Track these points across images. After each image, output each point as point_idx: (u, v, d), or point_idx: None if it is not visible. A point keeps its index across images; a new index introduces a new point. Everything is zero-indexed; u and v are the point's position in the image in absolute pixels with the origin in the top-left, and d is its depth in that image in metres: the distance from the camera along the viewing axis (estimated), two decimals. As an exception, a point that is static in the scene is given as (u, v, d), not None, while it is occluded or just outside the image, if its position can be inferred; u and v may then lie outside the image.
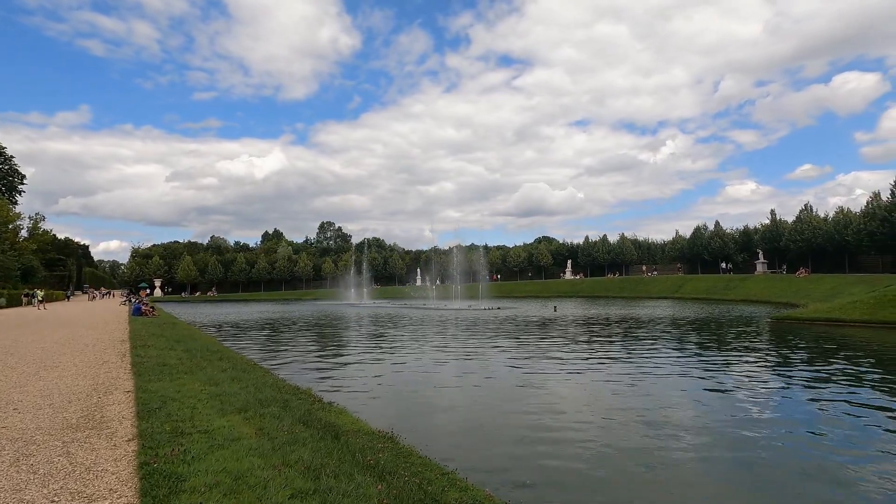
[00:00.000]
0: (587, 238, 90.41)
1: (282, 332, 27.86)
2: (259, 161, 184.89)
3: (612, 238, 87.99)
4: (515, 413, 10.05)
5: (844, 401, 10.61)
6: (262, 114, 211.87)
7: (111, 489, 4.14)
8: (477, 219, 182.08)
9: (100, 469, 4.54)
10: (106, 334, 16.58)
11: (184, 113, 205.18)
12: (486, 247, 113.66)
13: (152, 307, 29.17)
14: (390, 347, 20.17)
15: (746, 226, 71.19)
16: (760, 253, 62.64)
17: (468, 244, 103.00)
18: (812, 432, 8.68)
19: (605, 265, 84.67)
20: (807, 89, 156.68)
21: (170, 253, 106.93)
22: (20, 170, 63.13)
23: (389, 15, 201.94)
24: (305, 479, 4.44)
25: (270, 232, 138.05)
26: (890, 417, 9.46)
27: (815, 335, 21.69)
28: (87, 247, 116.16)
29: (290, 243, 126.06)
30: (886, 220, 45.36)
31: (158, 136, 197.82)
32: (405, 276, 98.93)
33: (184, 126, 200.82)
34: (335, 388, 12.31)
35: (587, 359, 16.51)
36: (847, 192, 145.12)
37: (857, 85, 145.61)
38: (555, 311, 39.30)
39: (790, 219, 62.82)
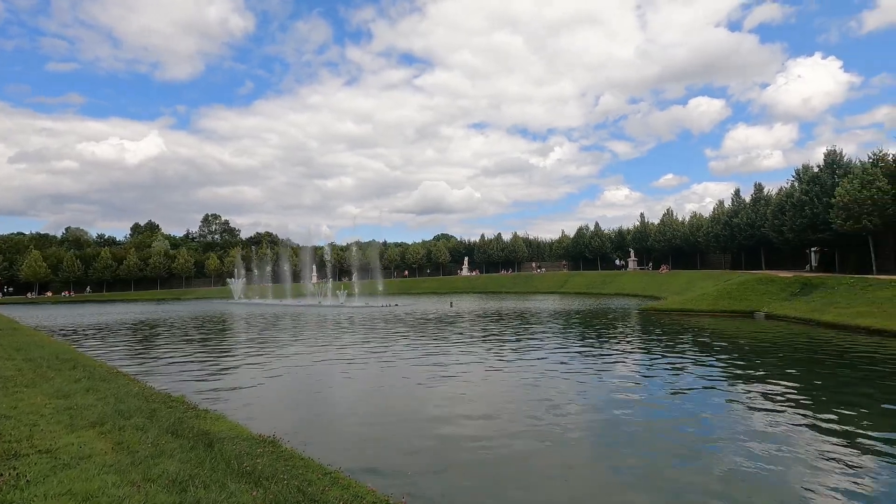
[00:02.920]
0: (483, 236, 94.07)
1: (155, 334, 25.16)
2: (132, 145, 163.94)
3: (506, 237, 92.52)
4: (409, 411, 10.16)
5: (691, 371, 12.36)
6: (136, 92, 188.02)
7: (-90, 529, 3.44)
8: (376, 215, 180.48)
9: None
10: (-84, 344, 13.66)
11: (36, 85, 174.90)
12: (385, 243, 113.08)
13: (-15, 310, 24.64)
14: (279, 348, 19.21)
15: (621, 227, 79.35)
16: (632, 251, 70.23)
17: (367, 241, 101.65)
18: (672, 401, 10.01)
19: (500, 262, 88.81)
20: (668, 109, 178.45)
21: (11, 247, 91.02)
22: None
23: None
24: (170, 494, 4.08)
25: (143, 224, 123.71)
26: (720, 385, 11.23)
27: (672, 323, 24.86)
28: None
29: (168, 237, 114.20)
30: (728, 224, 53.30)
31: (1, 108, 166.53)
32: (300, 272, 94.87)
33: (36, 100, 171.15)
34: (216, 394, 11.42)
35: (479, 352, 17.18)
36: (699, 199, 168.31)
37: (706, 109, 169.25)
38: (451, 306, 40.33)
39: (656, 221, 71.23)
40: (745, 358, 15.19)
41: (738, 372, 13.29)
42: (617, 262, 73.63)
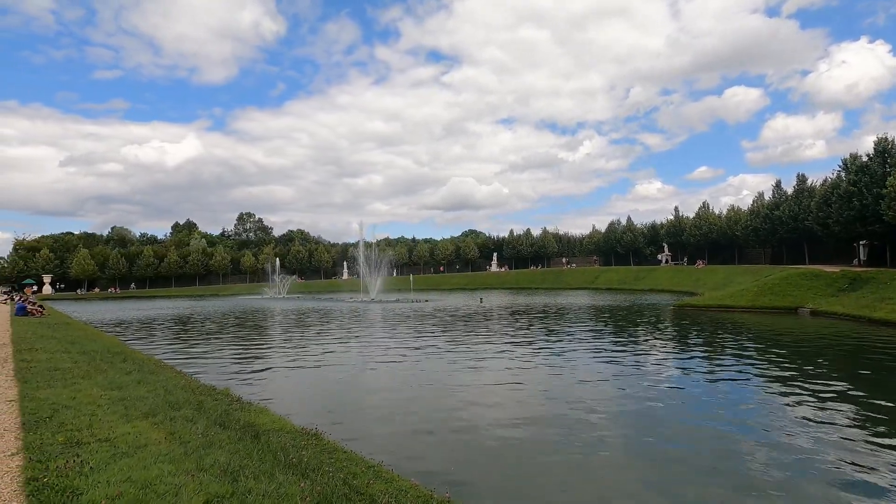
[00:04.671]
0: (512, 232, 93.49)
1: (196, 329, 26.10)
2: (171, 147, 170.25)
3: (535, 232, 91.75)
4: (444, 407, 10.20)
5: (732, 373, 11.96)
6: (175, 97, 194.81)
7: (-10, 510, 3.68)
8: (405, 212, 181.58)
9: (-25, 489, 4.01)
10: (-18, 338, 14.57)
11: (83, 92, 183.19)
12: (413, 239, 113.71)
13: (40, 306, 26.07)
14: (315, 343, 19.62)
15: (654, 221, 77.41)
16: (665, 246, 68.37)
17: (396, 237, 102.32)
18: (712, 403, 9.72)
19: (529, 258, 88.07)
20: (702, 100, 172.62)
21: (61, 245, 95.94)
22: None
23: (317, 2, 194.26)
24: (222, 483, 4.23)
25: (181, 223, 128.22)
26: (764, 386, 10.81)
27: (710, 320, 24.12)
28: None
29: (205, 235, 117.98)
30: (768, 217, 51.22)
31: (50, 115, 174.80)
32: (331, 269, 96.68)
33: (83, 106, 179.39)
34: (256, 387, 11.77)
35: (510, 349, 17.10)
36: (736, 192, 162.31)
37: (743, 98, 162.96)
38: (481, 302, 40.27)
39: (691, 215, 69.11)
40: (791, 357, 14.58)
41: (785, 373, 12.78)
42: (658, 256, 71.01)
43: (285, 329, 25.29)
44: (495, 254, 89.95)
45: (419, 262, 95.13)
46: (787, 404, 9.74)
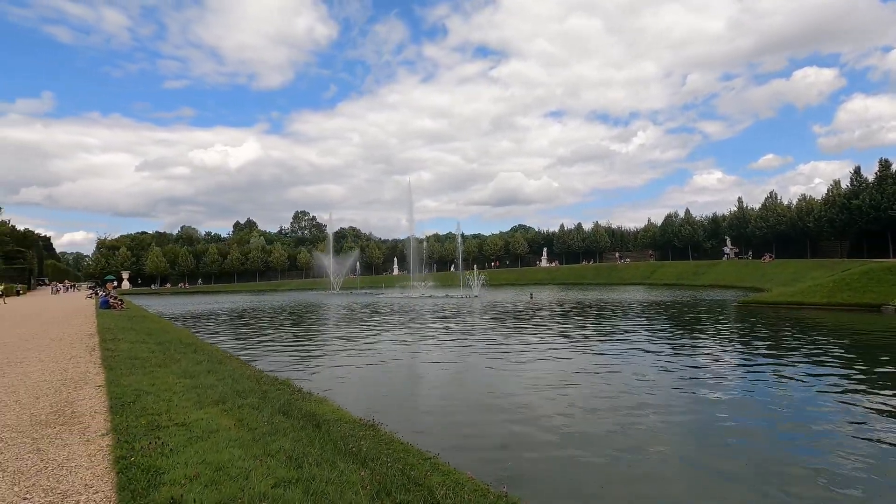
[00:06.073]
0: (562, 226, 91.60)
1: (258, 322, 27.45)
2: (233, 150, 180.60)
3: (587, 226, 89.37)
4: (495, 403, 10.16)
5: (806, 376, 11.15)
6: (236, 102, 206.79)
7: (87, 485, 4.04)
8: (453, 208, 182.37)
9: (73, 465, 4.42)
10: (72, 328, 16.02)
11: (155, 101, 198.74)
12: (463, 235, 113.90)
13: (121, 300, 28.27)
14: (370, 336, 20.11)
15: (715, 213, 73.37)
16: (728, 239, 64.52)
17: (445, 233, 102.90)
18: (784, 413, 9.12)
19: (580, 253, 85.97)
20: (768, 83, 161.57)
21: (137, 244, 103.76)
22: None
23: (367, 4, 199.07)
24: (288, 468, 4.43)
25: (242, 222, 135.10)
26: (845, 394, 9.99)
27: (779, 318, 22.60)
28: (50, 238, 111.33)
29: (263, 233, 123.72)
30: (845, 207, 47.28)
31: (128, 124, 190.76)
32: (382, 265, 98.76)
33: (155, 115, 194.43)
34: (315, 378, 12.22)
35: (562, 346, 16.80)
36: (806, 181, 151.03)
37: (814, 79, 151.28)
38: (531, 298, 39.79)
39: (756, 206, 64.92)
40: (877, 360, 13.41)
41: (869, 377, 11.78)
42: (724, 249, 65.90)
43: (340, 323, 26.08)
44: (545, 249, 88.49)
45: (468, 258, 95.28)
46: (870, 415, 8.95)
